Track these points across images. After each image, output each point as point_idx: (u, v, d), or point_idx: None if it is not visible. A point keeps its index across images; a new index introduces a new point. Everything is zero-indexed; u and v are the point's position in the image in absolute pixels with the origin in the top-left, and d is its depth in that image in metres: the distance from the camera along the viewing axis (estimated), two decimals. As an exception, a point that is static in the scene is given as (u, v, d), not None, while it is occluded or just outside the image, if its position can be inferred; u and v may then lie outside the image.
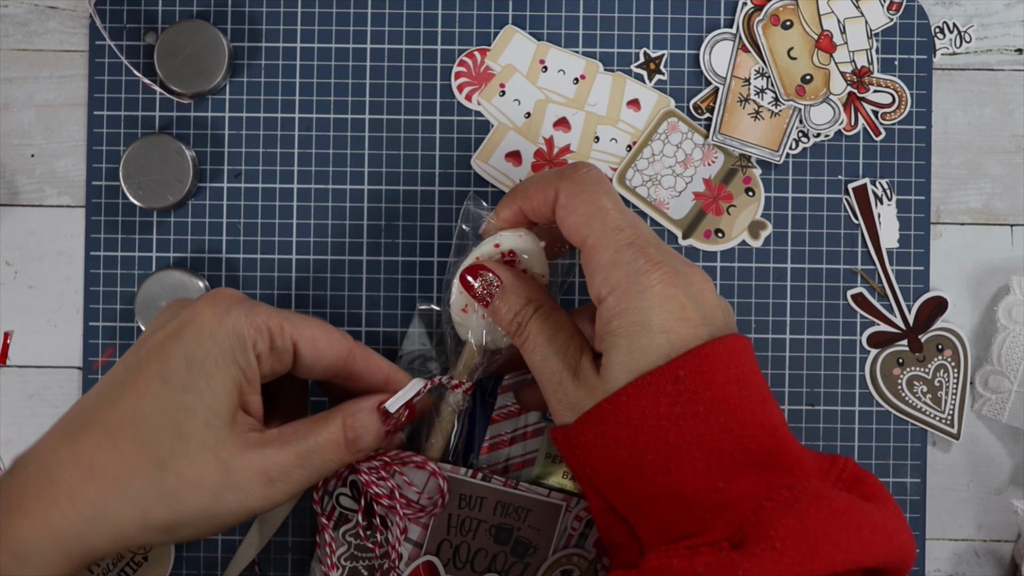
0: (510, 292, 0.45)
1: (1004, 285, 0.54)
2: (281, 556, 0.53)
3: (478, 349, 0.47)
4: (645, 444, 0.40)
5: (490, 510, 0.48)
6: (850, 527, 0.37)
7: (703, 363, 0.40)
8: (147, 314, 0.52)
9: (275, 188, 0.53)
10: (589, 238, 0.42)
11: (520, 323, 0.44)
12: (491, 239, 0.46)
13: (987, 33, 0.55)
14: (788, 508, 0.37)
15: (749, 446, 0.39)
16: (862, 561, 0.36)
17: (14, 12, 0.54)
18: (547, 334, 0.43)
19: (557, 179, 0.43)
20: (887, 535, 0.37)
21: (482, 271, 0.45)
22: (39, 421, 0.53)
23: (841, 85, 0.53)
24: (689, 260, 0.44)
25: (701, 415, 0.39)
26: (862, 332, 0.54)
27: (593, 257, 0.42)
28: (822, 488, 0.38)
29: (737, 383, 0.40)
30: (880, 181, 0.54)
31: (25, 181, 0.54)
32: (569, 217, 0.43)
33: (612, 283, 0.41)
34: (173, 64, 0.52)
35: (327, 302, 0.53)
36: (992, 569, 0.54)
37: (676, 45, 0.54)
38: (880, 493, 0.40)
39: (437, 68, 0.54)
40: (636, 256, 0.41)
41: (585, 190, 0.43)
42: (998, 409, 0.53)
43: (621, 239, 0.41)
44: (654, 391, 0.40)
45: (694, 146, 0.54)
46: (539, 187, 0.44)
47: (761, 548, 0.36)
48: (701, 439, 0.39)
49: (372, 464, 0.47)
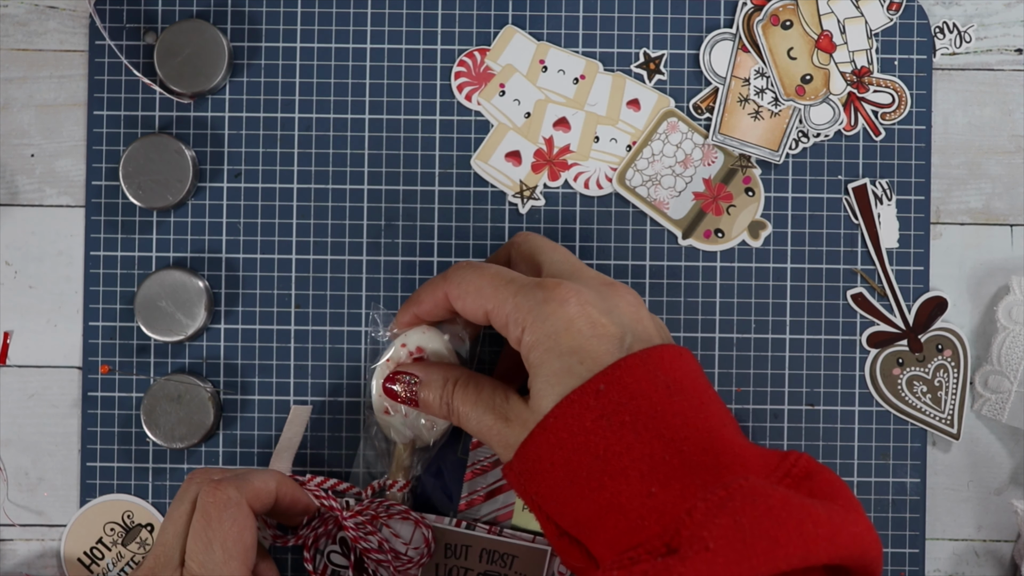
0: (429, 382, 0.47)
1: (1004, 285, 0.54)
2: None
3: (405, 448, 0.50)
4: (578, 461, 0.40)
5: (476, 558, 0.49)
6: (789, 522, 0.36)
7: (625, 374, 0.41)
8: (147, 314, 0.52)
9: (275, 188, 0.53)
10: (487, 305, 0.44)
11: (447, 403, 0.46)
12: (397, 340, 0.49)
13: (987, 33, 0.55)
14: (722, 507, 0.37)
15: (682, 448, 0.39)
16: (808, 557, 0.36)
17: (14, 12, 0.54)
18: (471, 400, 0.45)
19: (443, 282, 0.46)
20: (834, 528, 0.37)
21: (399, 376, 0.48)
22: (39, 421, 0.54)
23: (841, 85, 0.53)
24: (611, 279, 0.45)
25: (628, 424, 0.40)
26: (862, 332, 0.54)
27: (498, 316, 0.44)
28: (759, 485, 0.38)
29: (667, 389, 0.41)
30: (880, 181, 0.54)
31: (25, 181, 0.54)
32: (466, 305, 0.45)
33: (520, 323, 0.43)
34: (173, 64, 0.52)
35: (327, 302, 0.53)
36: (992, 569, 0.54)
37: (676, 45, 0.54)
38: (833, 488, 0.40)
39: (437, 68, 0.54)
40: (534, 291, 0.43)
41: (467, 278, 0.45)
42: (998, 409, 0.53)
43: (514, 287, 0.44)
44: (578, 408, 0.40)
45: (694, 146, 0.54)
46: (428, 292, 0.47)
47: (695, 550, 0.36)
48: (630, 448, 0.40)
49: (358, 520, 0.48)
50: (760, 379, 0.53)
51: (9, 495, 0.53)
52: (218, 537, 0.44)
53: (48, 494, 0.53)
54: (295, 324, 0.53)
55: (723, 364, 0.54)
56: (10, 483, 0.53)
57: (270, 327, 0.53)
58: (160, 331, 0.52)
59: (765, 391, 0.53)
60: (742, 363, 0.54)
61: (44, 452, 0.53)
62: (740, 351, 0.54)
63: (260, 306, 0.53)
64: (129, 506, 0.53)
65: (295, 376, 0.53)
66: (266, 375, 0.53)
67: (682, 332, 0.54)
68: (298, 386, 0.53)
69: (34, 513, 0.53)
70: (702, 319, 0.54)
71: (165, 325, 0.52)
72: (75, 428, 0.53)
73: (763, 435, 0.53)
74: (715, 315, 0.54)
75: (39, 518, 0.53)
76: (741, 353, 0.54)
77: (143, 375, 0.53)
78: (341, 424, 0.53)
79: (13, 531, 0.53)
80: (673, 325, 0.53)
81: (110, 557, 0.53)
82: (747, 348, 0.54)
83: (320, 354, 0.53)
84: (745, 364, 0.53)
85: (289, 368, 0.53)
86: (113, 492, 0.53)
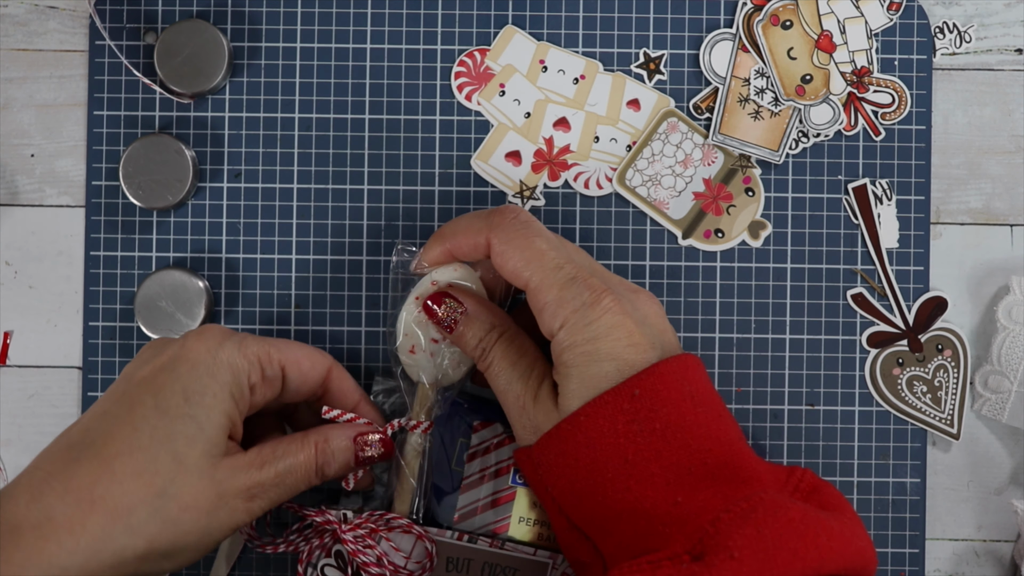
0: (474, 318, 0.46)
1: (1004, 285, 0.54)
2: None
3: (432, 387, 0.48)
4: (605, 462, 0.40)
5: (477, 571, 0.49)
6: (807, 535, 0.38)
7: (658, 381, 0.41)
8: (147, 314, 0.52)
9: (275, 188, 0.53)
10: (531, 281, 0.43)
11: (485, 348, 0.45)
12: (426, 277, 0.47)
13: (987, 33, 0.55)
14: (745, 519, 0.38)
15: (706, 460, 0.40)
16: (821, 568, 0.37)
17: (14, 12, 0.54)
18: (511, 359, 0.45)
19: (487, 226, 0.44)
20: (845, 542, 0.38)
21: (447, 298, 0.46)
22: (39, 421, 0.54)
23: (841, 85, 0.53)
24: (635, 285, 0.45)
25: (658, 432, 0.40)
26: (862, 332, 0.54)
27: (538, 297, 0.43)
28: (779, 498, 0.39)
29: (692, 399, 0.41)
30: (880, 181, 0.54)
31: (25, 181, 0.54)
32: (507, 264, 0.44)
33: (560, 319, 0.42)
34: (173, 64, 0.52)
35: (327, 302, 0.53)
36: (992, 569, 0.54)
37: (676, 45, 0.54)
38: (837, 502, 0.42)
39: (437, 68, 0.54)
40: (580, 290, 0.42)
41: (518, 235, 0.44)
42: (998, 409, 0.53)
43: (563, 276, 0.43)
44: (611, 410, 0.41)
45: (694, 146, 0.54)
46: (468, 232, 0.45)
47: (720, 559, 0.37)
48: (659, 455, 0.40)
49: (358, 532, 0.47)
50: (760, 379, 0.53)
51: (9, 495, 0.53)
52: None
53: (48, 494, 0.53)
54: (295, 324, 0.53)
55: (723, 364, 0.54)
56: (10, 483, 0.53)
57: (270, 327, 0.53)
58: (160, 331, 0.52)
59: (765, 391, 0.53)
60: (742, 363, 0.54)
61: (44, 452, 0.53)
62: (740, 351, 0.54)
63: (260, 306, 0.53)
64: (129, 506, 0.53)
65: (295, 376, 0.53)
66: (266, 375, 0.53)
67: (682, 332, 0.54)
68: (298, 386, 0.53)
69: (34, 513, 0.53)
70: (702, 319, 0.54)
71: (165, 325, 0.52)
72: (75, 428, 0.53)
73: (763, 435, 0.53)
74: (715, 315, 0.54)
75: (39, 518, 0.53)
76: (741, 353, 0.54)
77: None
78: (341, 424, 0.53)
79: (13, 531, 0.53)
80: (673, 325, 0.53)
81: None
82: (747, 348, 0.54)
83: (320, 354, 0.53)
84: (745, 364, 0.54)
85: (289, 368, 0.53)
86: (113, 492, 0.53)
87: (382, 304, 0.53)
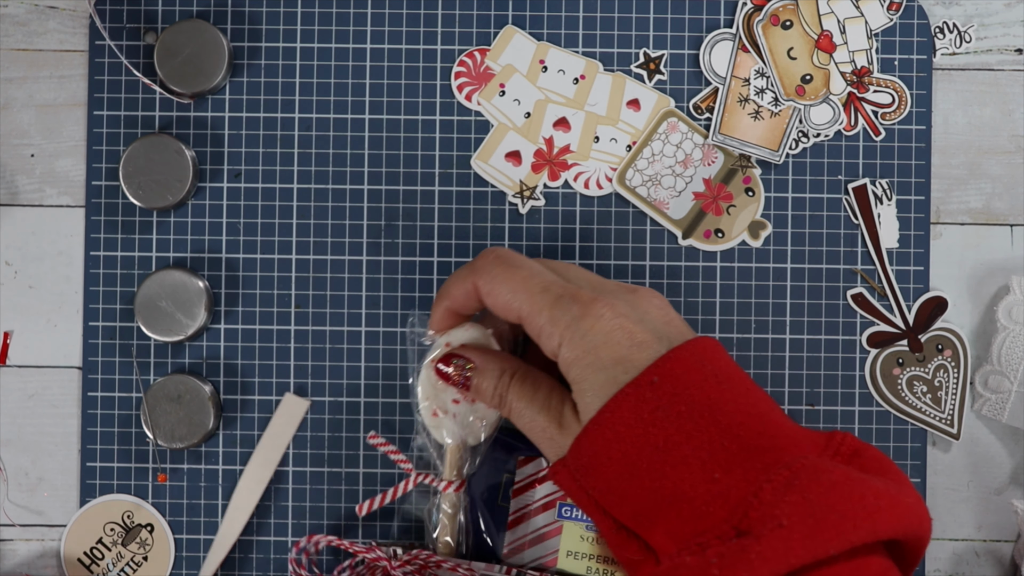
0: (484, 369, 0.47)
1: (1004, 285, 0.54)
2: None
3: (459, 447, 0.49)
4: (637, 453, 0.40)
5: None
6: (852, 496, 0.37)
7: (676, 366, 0.41)
8: (147, 314, 0.52)
9: (275, 188, 0.53)
10: (521, 309, 0.44)
11: (501, 394, 0.46)
12: (440, 340, 0.48)
13: (987, 33, 0.55)
14: (789, 486, 0.37)
15: (739, 434, 0.40)
16: (875, 529, 0.37)
17: (14, 12, 0.54)
18: (527, 396, 0.45)
19: (471, 273, 0.46)
20: (892, 500, 0.38)
21: (454, 358, 0.47)
22: (39, 421, 0.54)
23: (841, 85, 0.53)
24: (633, 285, 0.45)
25: (684, 414, 0.40)
26: (862, 332, 0.54)
27: (532, 323, 0.44)
28: (819, 462, 0.38)
29: (715, 378, 0.41)
30: (880, 181, 0.54)
31: (25, 181, 0.54)
32: (497, 301, 0.45)
33: (557, 338, 0.43)
34: (173, 64, 0.52)
35: (327, 302, 0.53)
36: (992, 569, 0.54)
37: (676, 45, 0.54)
38: (881, 464, 0.41)
39: (437, 68, 0.54)
40: (569, 305, 0.43)
41: (499, 271, 0.45)
42: (998, 409, 0.53)
43: (550, 297, 0.43)
44: (633, 401, 0.41)
45: (694, 146, 0.54)
46: (458, 284, 0.46)
47: (768, 528, 0.36)
48: (689, 437, 0.40)
49: (407, 569, 0.47)
50: (760, 379, 0.53)
51: (9, 495, 0.53)
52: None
53: (48, 494, 0.53)
54: (295, 324, 0.53)
55: (723, 364, 0.54)
56: (10, 483, 0.53)
57: (270, 327, 0.53)
58: (160, 331, 0.52)
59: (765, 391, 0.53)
60: (742, 363, 0.53)
61: (44, 452, 0.53)
62: (740, 351, 0.54)
63: (260, 306, 0.53)
64: (129, 506, 0.53)
65: (295, 376, 0.53)
66: (266, 375, 0.53)
67: (682, 332, 0.54)
68: (298, 386, 0.53)
69: (34, 513, 0.53)
70: (702, 319, 0.54)
71: (165, 325, 0.52)
72: (75, 428, 0.53)
73: (763, 435, 0.53)
74: (715, 315, 0.54)
75: (39, 518, 0.53)
76: (741, 353, 0.54)
77: (143, 375, 0.53)
78: (341, 424, 0.53)
79: (13, 531, 0.53)
80: (673, 325, 0.54)
81: (110, 557, 0.53)
82: (747, 348, 0.54)
83: (320, 354, 0.53)
84: (745, 364, 0.53)
85: (289, 368, 0.53)
86: (113, 492, 0.53)
87: (382, 304, 0.53)
